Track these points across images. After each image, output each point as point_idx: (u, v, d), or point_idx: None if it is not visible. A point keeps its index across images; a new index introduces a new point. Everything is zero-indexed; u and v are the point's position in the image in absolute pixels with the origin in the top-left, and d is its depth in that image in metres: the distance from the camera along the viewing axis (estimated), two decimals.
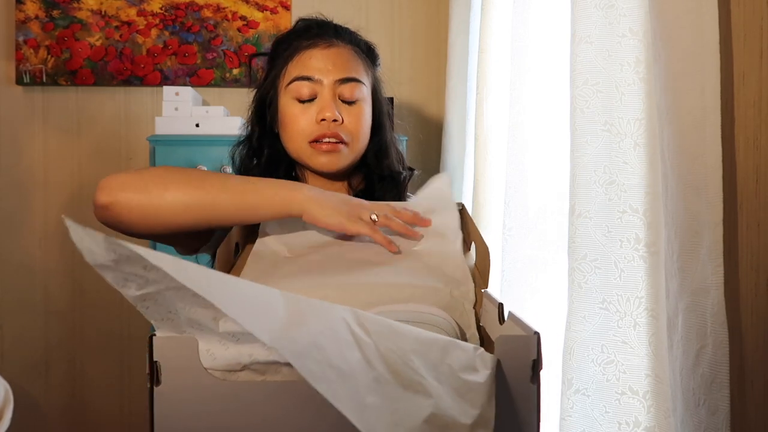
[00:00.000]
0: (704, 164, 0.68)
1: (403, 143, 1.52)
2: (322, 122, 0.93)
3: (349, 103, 0.95)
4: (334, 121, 0.93)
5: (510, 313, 0.58)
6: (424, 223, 0.81)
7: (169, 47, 2.02)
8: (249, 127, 1.04)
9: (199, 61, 2.03)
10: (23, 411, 1.77)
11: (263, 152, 1.01)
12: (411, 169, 1.08)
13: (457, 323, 0.66)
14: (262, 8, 2.05)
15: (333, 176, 0.99)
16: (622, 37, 0.80)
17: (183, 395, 0.47)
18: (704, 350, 0.68)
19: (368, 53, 1.02)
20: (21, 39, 1.98)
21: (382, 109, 1.03)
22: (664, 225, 0.75)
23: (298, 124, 0.95)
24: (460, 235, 0.81)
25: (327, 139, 0.94)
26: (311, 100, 0.95)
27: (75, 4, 2.00)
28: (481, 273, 0.74)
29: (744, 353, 0.70)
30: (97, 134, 2.03)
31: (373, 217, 0.78)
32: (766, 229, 0.67)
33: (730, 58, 0.71)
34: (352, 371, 0.44)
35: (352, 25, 1.03)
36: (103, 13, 2.01)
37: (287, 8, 2.05)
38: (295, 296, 0.46)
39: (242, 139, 1.04)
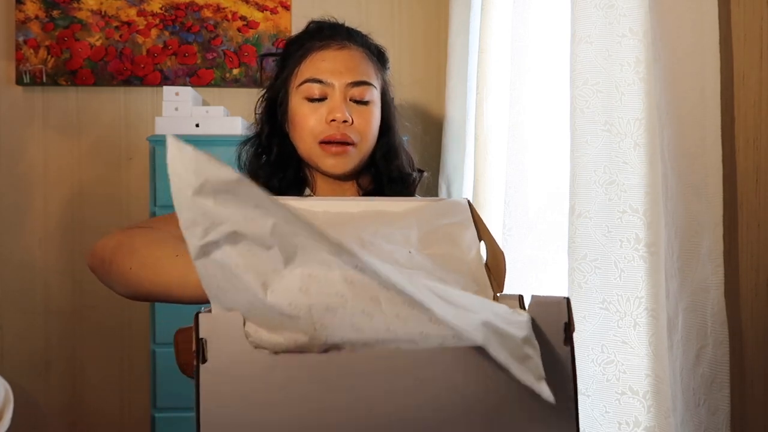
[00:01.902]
0: (704, 164, 0.68)
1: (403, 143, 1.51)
2: (332, 123, 0.94)
3: (360, 102, 0.96)
4: (344, 122, 0.94)
5: (533, 295, 0.58)
6: None
7: (169, 47, 2.02)
8: (258, 126, 1.04)
9: (199, 61, 2.03)
10: (23, 411, 1.77)
11: (272, 151, 1.02)
12: (421, 171, 1.08)
13: None
14: (262, 8, 2.05)
15: (341, 177, 1.00)
16: (622, 37, 0.80)
17: (230, 372, 0.47)
18: (704, 350, 0.68)
19: (379, 57, 1.03)
20: (21, 39, 1.98)
21: (390, 111, 1.04)
22: (664, 225, 0.75)
23: (308, 123, 0.96)
24: (476, 238, 0.80)
25: (336, 140, 0.95)
26: (322, 99, 0.95)
27: (75, 4, 2.00)
28: (494, 275, 0.74)
29: (744, 353, 0.70)
30: (97, 134, 2.03)
31: None
32: (766, 229, 0.67)
33: (730, 58, 0.71)
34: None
35: (362, 29, 1.04)
36: (103, 13, 2.01)
37: (287, 8, 2.05)
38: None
39: (251, 137, 1.05)
